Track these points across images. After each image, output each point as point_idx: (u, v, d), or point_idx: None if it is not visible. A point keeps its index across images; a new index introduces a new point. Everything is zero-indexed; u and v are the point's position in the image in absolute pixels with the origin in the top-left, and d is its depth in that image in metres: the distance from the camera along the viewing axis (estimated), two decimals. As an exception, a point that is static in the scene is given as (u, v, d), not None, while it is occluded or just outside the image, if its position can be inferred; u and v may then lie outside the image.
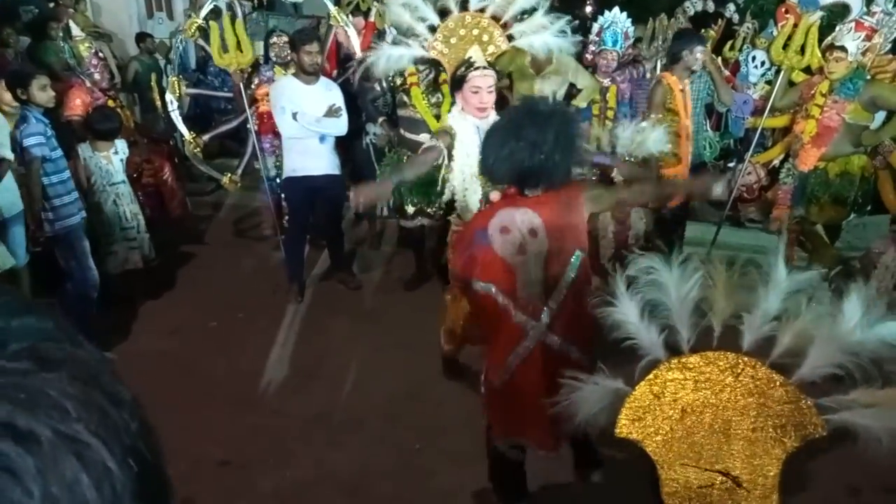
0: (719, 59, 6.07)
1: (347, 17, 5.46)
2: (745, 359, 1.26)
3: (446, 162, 3.30)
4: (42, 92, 3.75)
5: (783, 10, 4.80)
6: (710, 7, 7.47)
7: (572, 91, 5.25)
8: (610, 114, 5.11)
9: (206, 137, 5.16)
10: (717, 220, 5.64)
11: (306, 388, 3.62)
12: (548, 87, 5.09)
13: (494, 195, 2.65)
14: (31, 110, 3.70)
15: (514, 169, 2.16)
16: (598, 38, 5.06)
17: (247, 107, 4.72)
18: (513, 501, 2.69)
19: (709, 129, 5.52)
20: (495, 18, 3.71)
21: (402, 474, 2.99)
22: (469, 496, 2.86)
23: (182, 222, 5.22)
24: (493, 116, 3.11)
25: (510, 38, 3.74)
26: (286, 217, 4.94)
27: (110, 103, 4.46)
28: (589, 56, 5.25)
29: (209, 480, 2.85)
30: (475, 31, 3.71)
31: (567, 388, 1.58)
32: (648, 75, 5.61)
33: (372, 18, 5.93)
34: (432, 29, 3.71)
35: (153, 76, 6.26)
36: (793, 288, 1.33)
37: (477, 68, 3.14)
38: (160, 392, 2.80)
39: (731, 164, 6.04)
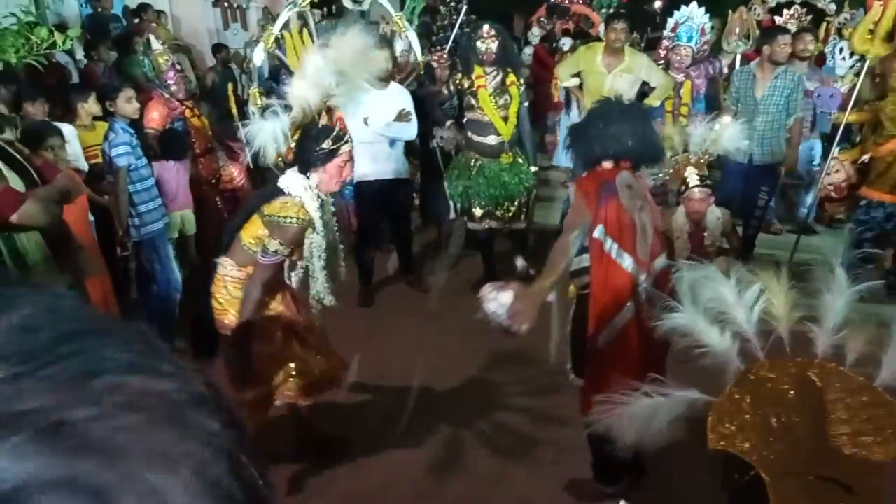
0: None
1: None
2: (830, 365, 1.20)
3: None
4: (128, 104, 3.94)
5: (876, -5, 4.52)
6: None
7: (644, 89, 5.13)
8: (684, 110, 4.95)
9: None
10: (799, 223, 5.38)
11: (377, 390, 3.66)
12: (619, 85, 4.98)
13: None
14: (118, 121, 3.89)
15: (623, 146, 2.34)
16: (672, 34, 4.91)
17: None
18: (609, 483, 2.70)
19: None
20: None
21: (473, 479, 2.97)
22: (542, 502, 2.83)
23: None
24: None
25: None
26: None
27: (188, 113, 4.64)
28: (662, 52, 5.10)
29: (284, 480, 2.91)
30: None
31: (610, 402, 1.51)
32: (726, 70, 5.41)
33: None
34: None
35: (229, 85, 6.48)
36: (856, 295, 1.27)
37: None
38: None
39: (815, 165, 5.73)
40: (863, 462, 1.14)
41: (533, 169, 4.63)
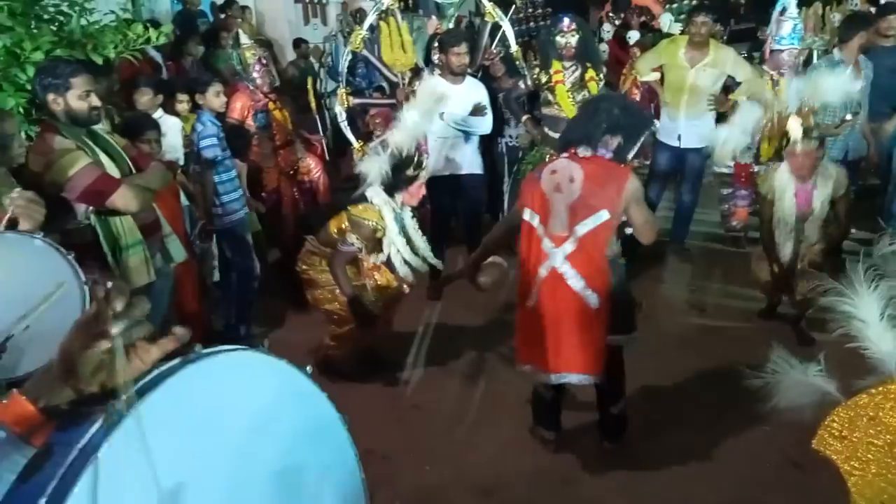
0: None
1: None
2: None
3: None
4: (216, 98, 4.09)
5: None
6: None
7: (728, 83, 4.94)
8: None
9: (372, 145, 5.41)
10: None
11: (443, 385, 3.68)
12: (702, 80, 4.82)
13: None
14: (206, 114, 4.04)
15: (568, 133, 2.88)
16: (778, 35, 4.71)
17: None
18: (543, 427, 3.14)
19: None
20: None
21: (537, 479, 2.95)
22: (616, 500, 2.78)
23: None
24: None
25: None
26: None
27: (270, 105, 4.77)
28: (768, 50, 4.90)
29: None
30: None
31: (775, 369, 1.54)
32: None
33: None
34: None
35: (308, 79, 6.64)
36: None
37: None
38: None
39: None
40: None
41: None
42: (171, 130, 4.14)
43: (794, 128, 3.68)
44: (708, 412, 3.29)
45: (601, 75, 4.48)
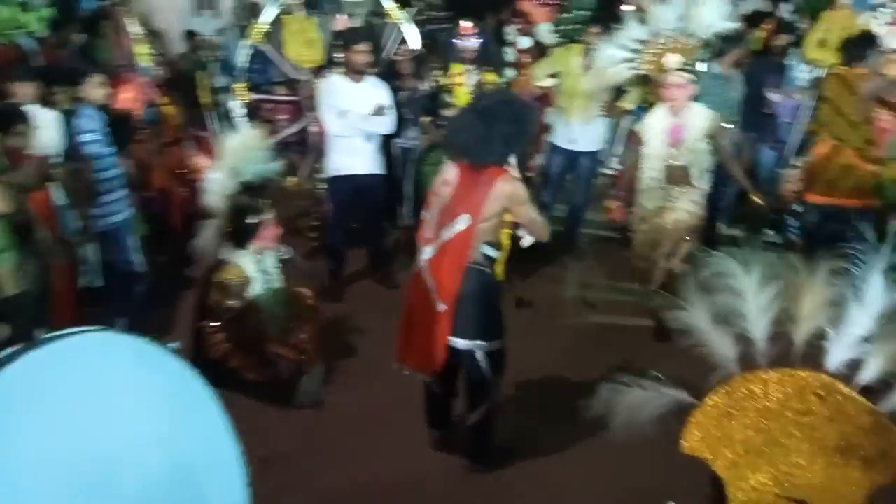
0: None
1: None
2: (832, 380, 1.18)
3: None
4: (97, 89, 3.82)
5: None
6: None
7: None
8: None
9: (270, 143, 5.25)
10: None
11: (349, 387, 3.63)
12: (594, 86, 4.99)
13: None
14: (87, 107, 3.77)
15: (453, 137, 2.83)
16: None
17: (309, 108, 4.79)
18: (430, 425, 3.14)
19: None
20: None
21: (452, 473, 2.98)
22: (515, 496, 2.84)
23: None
24: None
25: None
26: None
27: (161, 100, 4.52)
28: None
29: (261, 475, 2.85)
30: None
31: (611, 388, 1.53)
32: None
33: None
34: None
35: (201, 74, 6.35)
36: (889, 307, 1.25)
37: None
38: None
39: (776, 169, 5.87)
40: (842, 488, 1.13)
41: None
42: (48, 124, 3.83)
43: (670, 61, 3.93)
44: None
45: (501, 78, 4.58)
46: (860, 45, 4.46)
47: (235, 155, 3.62)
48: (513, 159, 2.87)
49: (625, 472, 2.89)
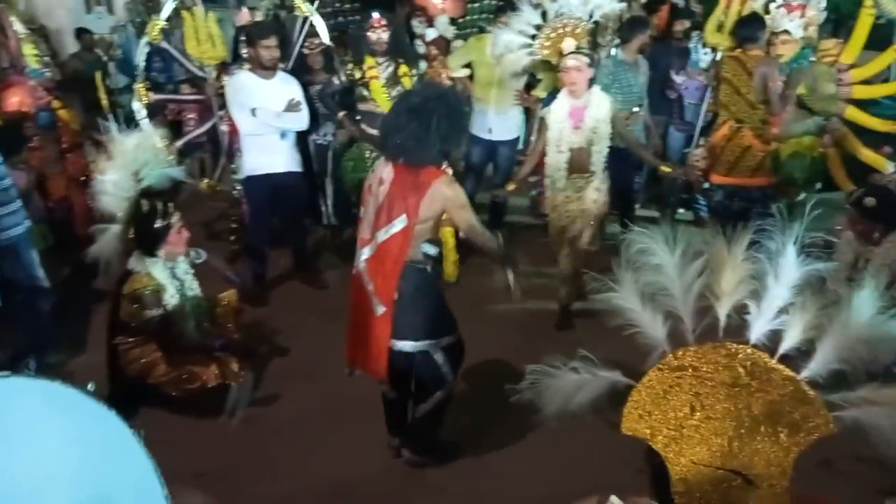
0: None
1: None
2: (755, 352, 1.24)
3: None
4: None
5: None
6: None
7: (530, 80, 5.25)
8: None
9: (178, 144, 5.04)
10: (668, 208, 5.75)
11: (280, 392, 3.53)
12: (509, 75, 5.05)
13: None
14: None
15: (386, 136, 2.67)
16: None
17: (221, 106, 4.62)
18: (390, 433, 3.06)
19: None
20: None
21: (389, 473, 2.96)
22: (458, 489, 2.85)
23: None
24: None
25: None
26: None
27: (55, 103, 4.24)
28: None
29: (188, 493, 2.74)
30: None
31: (540, 372, 1.51)
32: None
33: None
34: None
35: (97, 74, 6.01)
36: (804, 277, 1.31)
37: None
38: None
39: (686, 150, 6.14)
40: (771, 454, 1.19)
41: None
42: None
43: (567, 45, 4.00)
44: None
45: (415, 70, 4.55)
46: (750, 27, 4.62)
47: (131, 156, 3.38)
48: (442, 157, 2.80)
49: (565, 457, 2.94)
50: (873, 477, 2.59)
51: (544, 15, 4.34)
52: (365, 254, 2.72)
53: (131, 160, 3.37)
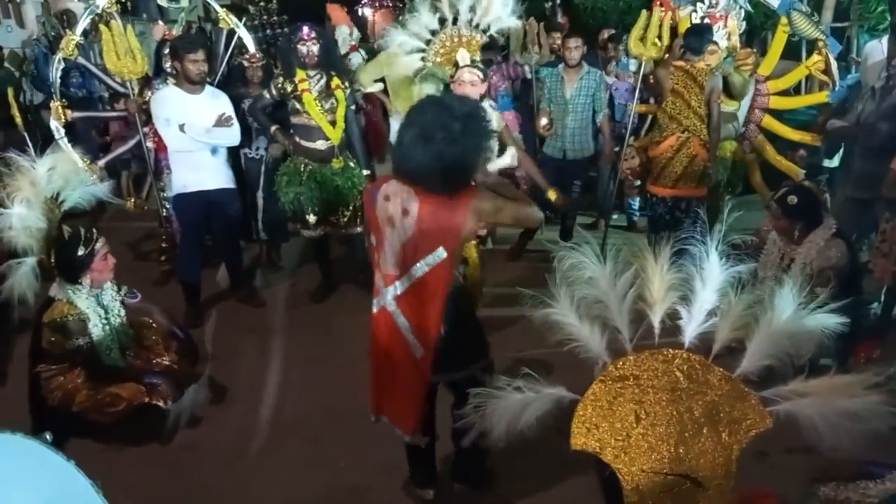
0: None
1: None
2: (690, 355, 1.28)
3: None
4: None
5: (658, 2, 5.06)
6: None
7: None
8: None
9: (101, 162, 4.83)
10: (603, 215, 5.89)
11: (218, 417, 3.42)
12: (427, 89, 4.92)
13: None
14: None
15: (399, 163, 2.28)
16: None
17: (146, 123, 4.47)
18: (421, 486, 2.81)
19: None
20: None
21: (332, 495, 2.89)
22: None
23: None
24: None
25: None
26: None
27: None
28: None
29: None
30: None
31: (484, 395, 1.51)
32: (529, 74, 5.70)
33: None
34: None
35: (9, 90, 5.70)
36: (727, 279, 1.37)
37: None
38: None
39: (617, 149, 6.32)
40: (715, 454, 1.23)
41: (366, 172, 4.58)
42: None
43: (462, 56, 3.90)
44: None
45: (347, 83, 4.50)
46: (699, 38, 4.65)
47: (44, 183, 3.16)
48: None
49: (517, 470, 2.91)
50: (805, 465, 2.71)
51: (442, 22, 4.17)
52: (395, 291, 2.40)
53: (44, 187, 3.16)
